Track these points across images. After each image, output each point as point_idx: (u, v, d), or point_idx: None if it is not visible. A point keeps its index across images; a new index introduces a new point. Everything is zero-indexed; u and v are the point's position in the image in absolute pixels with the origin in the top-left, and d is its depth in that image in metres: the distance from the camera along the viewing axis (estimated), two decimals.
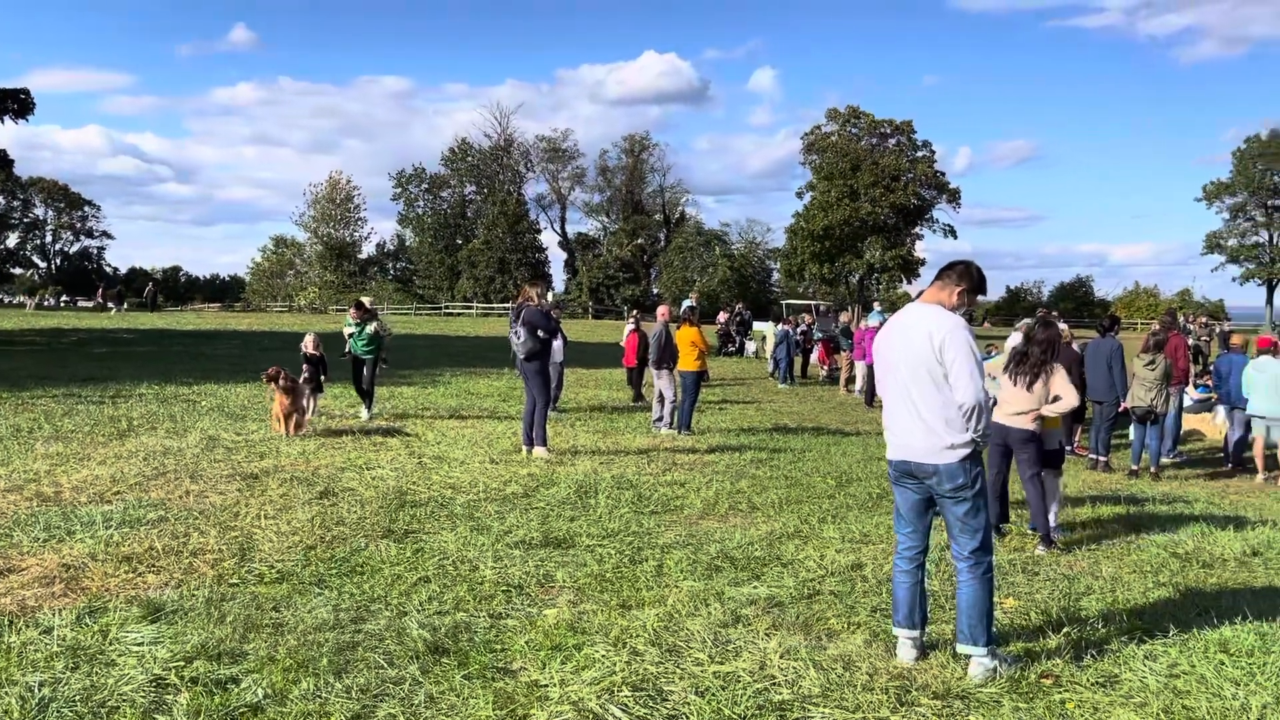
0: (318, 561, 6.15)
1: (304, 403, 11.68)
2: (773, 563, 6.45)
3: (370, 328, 12.99)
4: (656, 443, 12.06)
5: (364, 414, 12.94)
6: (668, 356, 13.38)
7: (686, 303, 21.95)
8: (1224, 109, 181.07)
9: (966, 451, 4.47)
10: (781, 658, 4.58)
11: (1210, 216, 63.63)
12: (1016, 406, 7.56)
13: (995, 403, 7.71)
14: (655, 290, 68.40)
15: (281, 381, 10.95)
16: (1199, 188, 64.07)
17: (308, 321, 40.74)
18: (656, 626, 5.00)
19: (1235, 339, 15.01)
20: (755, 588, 5.82)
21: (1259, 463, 12.05)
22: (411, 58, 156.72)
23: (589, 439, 12.13)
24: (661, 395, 13.52)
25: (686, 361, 13.23)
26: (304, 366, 12.60)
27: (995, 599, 4.86)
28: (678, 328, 13.79)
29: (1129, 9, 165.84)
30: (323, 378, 12.98)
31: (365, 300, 13.76)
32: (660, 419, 13.50)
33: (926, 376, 4.48)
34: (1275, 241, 60.73)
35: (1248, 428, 12.48)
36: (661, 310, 14.42)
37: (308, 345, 12.89)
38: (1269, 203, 60.65)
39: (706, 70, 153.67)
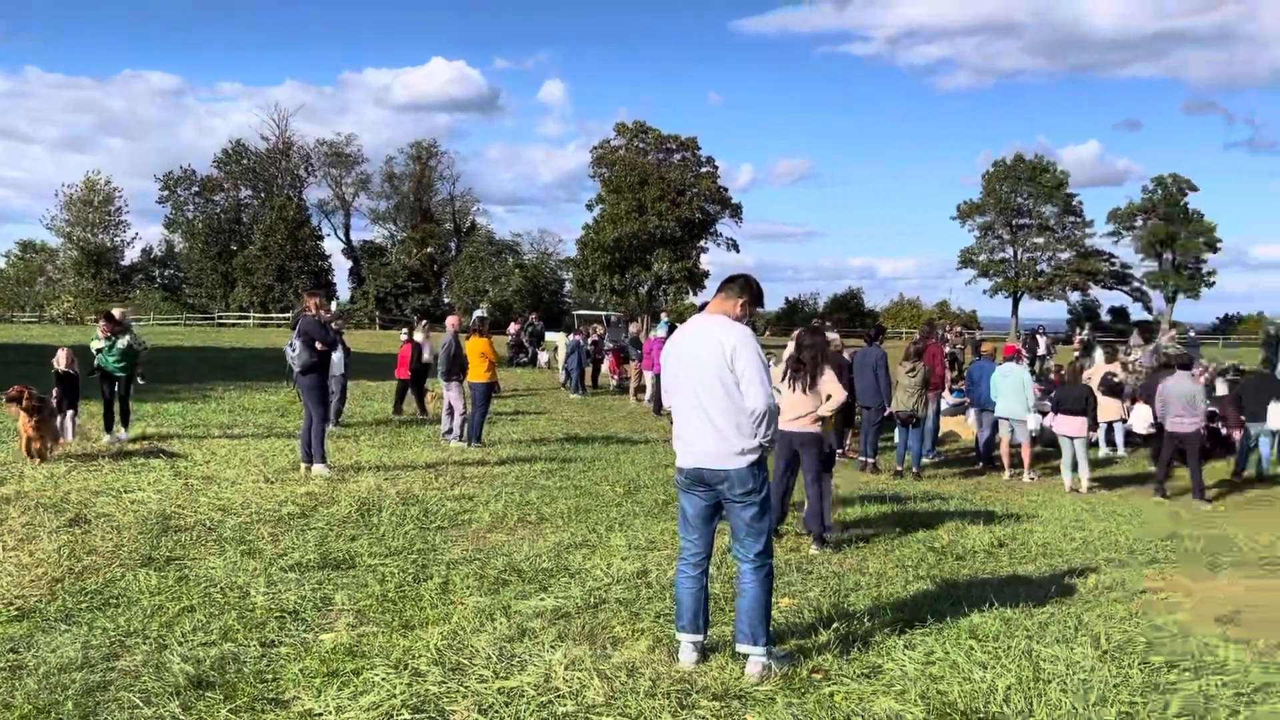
0: (65, 595, 5.63)
1: (54, 424, 10.70)
2: (560, 573, 6.45)
3: (123, 341, 12.02)
4: (445, 456, 11.83)
5: (121, 434, 11.98)
6: (456, 368, 13.17)
7: (477, 313, 21.73)
8: (978, 134, 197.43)
9: (755, 457, 4.63)
10: (566, 669, 4.58)
11: (964, 234, 68.91)
12: (798, 411, 7.91)
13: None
14: (446, 300, 67.27)
15: (25, 401, 9.98)
16: (955, 207, 69.46)
17: (61, 334, 37.47)
18: (440, 645, 4.89)
19: (985, 347, 16.36)
20: (542, 600, 5.80)
21: (1005, 460, 13.17)
22: (181, 53, 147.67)
23: (373, 454, 11.75)
24: (451, 407, 13.29)
25: (476, 373, 13.07)
26: (55, 384, 11.55)
27: (773, 599, 5.05)
28: (467, 338, 13.61)
29: (892, 39, 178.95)
30: (77, 396, 11.92)
31: (116, 312, 12.59)
32: (449, 431, 13.27)
33: (718, 385, 4.60)
34: (1019, 258, 66.65)
35: (996, 428, 13.61)
36: (450, 320, 14.19)
37: (60, 361, 11.80)
38: (1013, 222, 66.54)
39: (496, 79, 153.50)
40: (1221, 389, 15.22)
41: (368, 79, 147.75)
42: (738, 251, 60.80)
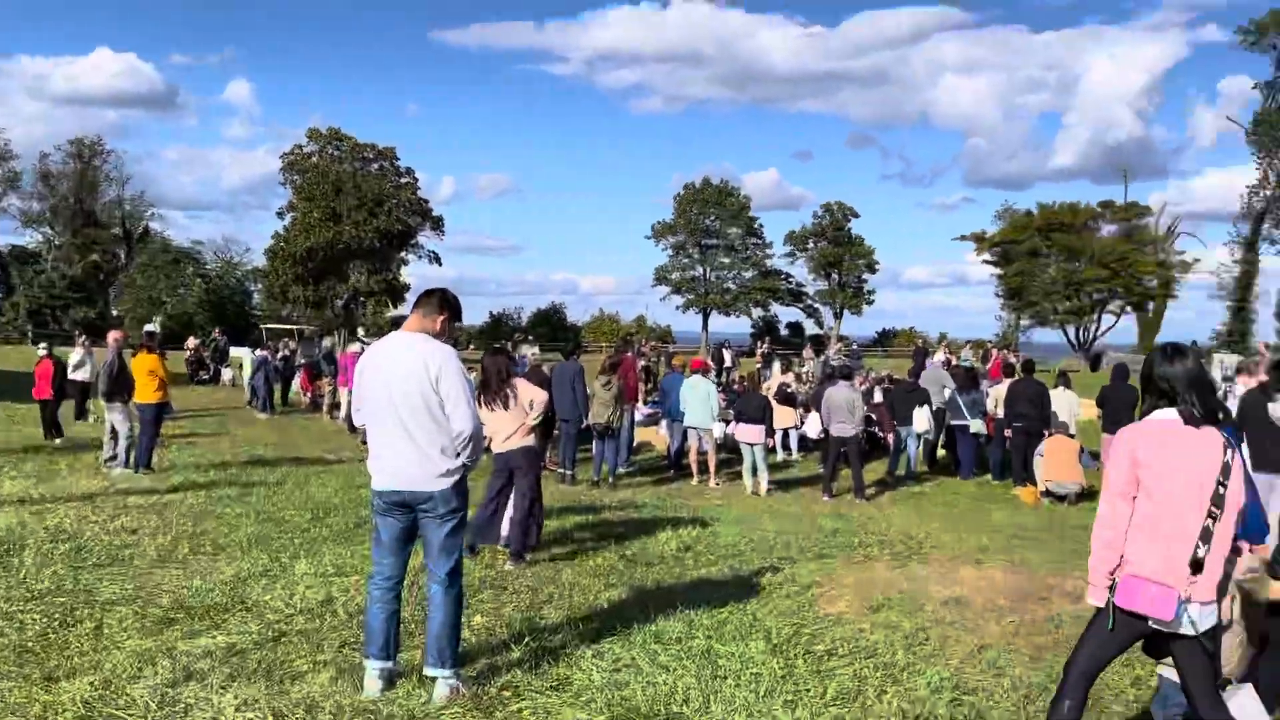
0: None
1: None
2: (235, 608, 6.00)
3: None
4: (106, 485, 10.70)
5: None
6: (120, 387, 11.97)
7: (148, 326, 20.00)
8: (671, 157, 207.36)
9: (459, 476, 4.58)
10: (238, 711, 4.26)
11: (659, 252, 72.02)
12: (508, 430, 7.90)
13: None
14: (115, 312, 61.19)
15: None
16: (650, 226, 72.52)
17: None
18: (90, 697, 4.39)
19: (675, 360, 17.18)
20: (214, 638, 5.37)
21: (694, 468, 13.87)
22: None
23: (19, 485, 10.41)
24: (114, 431, 12.07)
25: (145, 392, 11.95)
26: None
27: (463, 618, 4.99)
28: (134, 354, 12.42)
29: (589, 61, 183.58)
30: None
31: None
32: (113, 458, 12.04)
33: (423, 406, 4.49)
34: (708, 276, 70.67)
35: (685, 437, 14.30)
36: (113, 335, 12.89)
37: None
38: (702, 242, 70.50)
39: (174, 75, 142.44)
40: (879, 397, 16.88)
41: (21, 67, 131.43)
42: (440, 264, 60.03)
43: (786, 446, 17.06)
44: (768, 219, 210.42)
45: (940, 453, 16.13)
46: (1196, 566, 3.49)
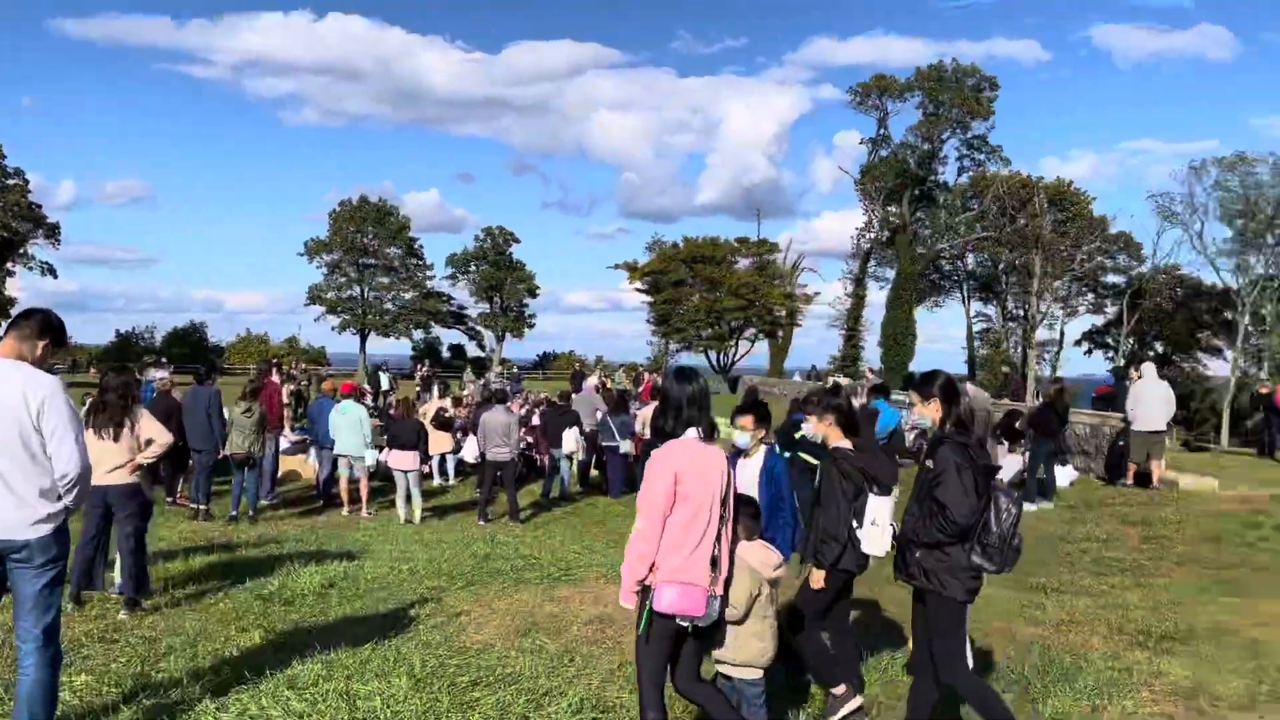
0: None
1: None
2: None
3: None
4: None
5: None
6: None
7: None
8: (327, 172, 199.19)
9: (61, 521, 4.09)
10: None
11: (313, 270, 68.80)
12: (112, 462, 7.08)
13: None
14: None
15: None
16: (303, 243, 69.17)
17: None
18: None
19: (326, 385, 16.44)
20: None
21: (344, 497, 13.32)
22: None
23: None
24: None
25: None
26: None
27: (63, 678, 4.42)
28: None
29: (236, 66, 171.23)
30: None
31: None
32: None
33: (19, 443, 3.95)
34: (366, 296, 68.62)
35: (335, 466, 13.71)
36: None
37: None
38: (360, 262, 68.33)
39: None
40: (536, 420, 17.18)
41: None
42: (55, 276, 53.35)
43: (444, 472, 16.88)
44: (429, 240, 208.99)
45: (593, 473, 16.68)
46: (714, 564, 3.95)
